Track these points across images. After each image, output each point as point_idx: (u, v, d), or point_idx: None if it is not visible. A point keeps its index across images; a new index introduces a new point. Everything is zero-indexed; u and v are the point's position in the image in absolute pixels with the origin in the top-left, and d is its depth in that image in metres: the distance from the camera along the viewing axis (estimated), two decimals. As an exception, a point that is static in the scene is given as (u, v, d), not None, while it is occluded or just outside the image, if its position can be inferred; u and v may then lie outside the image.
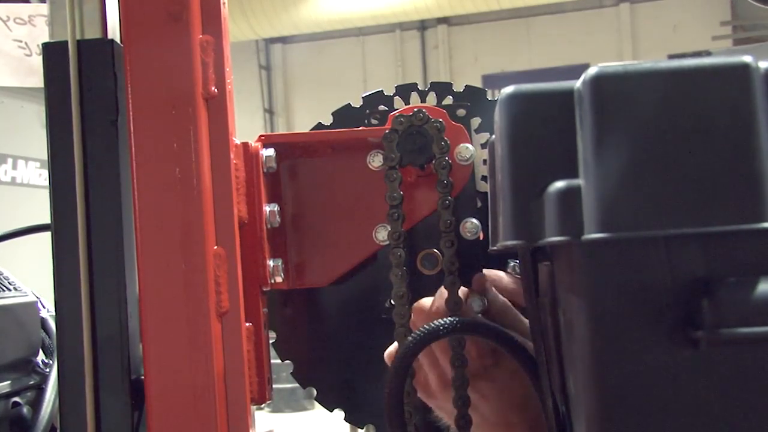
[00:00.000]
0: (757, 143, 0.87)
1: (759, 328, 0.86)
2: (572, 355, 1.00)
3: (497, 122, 1.03)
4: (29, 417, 1.50)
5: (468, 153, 1.37)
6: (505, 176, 0.99)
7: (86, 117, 1.18)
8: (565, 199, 0.91)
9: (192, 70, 1.15)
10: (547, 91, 0.97)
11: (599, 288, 0.92)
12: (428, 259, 1.41)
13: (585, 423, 0.95)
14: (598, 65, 0.92)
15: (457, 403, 1.37)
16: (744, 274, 0.89)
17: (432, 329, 1.22)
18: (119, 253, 1.17)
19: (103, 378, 1.16)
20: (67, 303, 1.17)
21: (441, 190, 1.35)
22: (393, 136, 1.35)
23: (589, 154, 0.90)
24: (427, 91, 1.46)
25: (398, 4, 11.26)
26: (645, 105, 0.89)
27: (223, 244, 1.17)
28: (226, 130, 1.18)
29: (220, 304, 1.16)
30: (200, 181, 1.14)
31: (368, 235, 1.39)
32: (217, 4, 1.19)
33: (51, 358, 1.63)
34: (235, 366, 1.17)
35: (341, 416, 1.47)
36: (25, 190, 9.15)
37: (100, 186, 1.18)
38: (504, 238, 1.01)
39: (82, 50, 1.19)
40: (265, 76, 13.95)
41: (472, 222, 1.41)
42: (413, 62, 13.41)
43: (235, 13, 11.01)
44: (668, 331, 0.90)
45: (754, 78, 0.88)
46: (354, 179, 1.40)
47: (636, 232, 0.88)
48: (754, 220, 0.86)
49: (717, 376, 0.90)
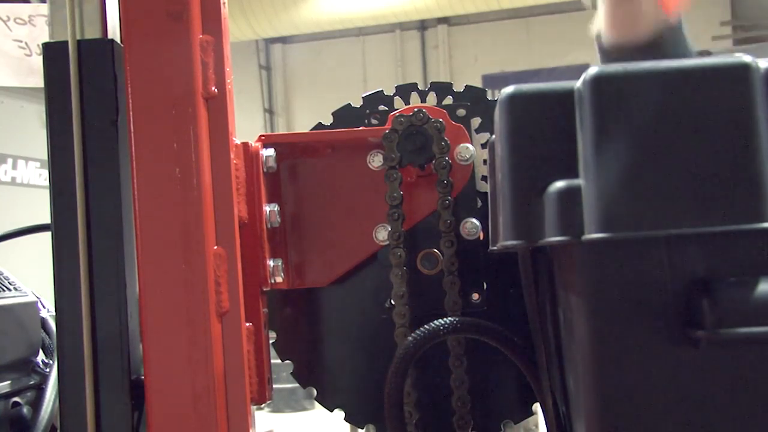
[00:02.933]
0: (757, 143, 0.87)
1: (759, 328, 0.86)
2: (572, 355, 1.00)
3: (497, 122, 1.03)
4: (29, 417, 1.50)
5: (468, 153, 1.37)
6: (505, 176, 0.99)
7: (86, 117, 1.18)
8: (565, 199, 0.91)
9: (192, 70, 1.15)
10: (547, 91, 0.97)
11: (599, 288, 0.92)
12: (428, 259, 1.41)
13: (585, 423, 0.95)
14: (598, 65, 0.92)
15: (457, 403, 1.38)
16: (744, 274, 0.89)
17: (432, 329, 1.22)
18: (119, 253, 1.17)
19: (103, 378, 1.16)
20: (67, 303, 1.17)
21: (441, 190, 1.35)
22: (393, 136, 1.35)
23: (589, 154, 0.90)
24: (427, 91, 1.46)
25: (398, 4, 11.25)
26: (645, 105, 0.89)
27: (223, 244, 1.17)
28: (226, 130, 1.18)
29: (220, 304, 1.16)
30: (200, 181, 1.14)
31: (368, 235, 1.39)
32: (217, 4, 1.19)
33: (51, 358, 1.63)
34: (235, 366, 1.17)
35: (341, 416, 1.47)
36: (25, 190, 9.14)
37: (100, 186, 1.18)
38: (504, 238, 1.01)
39: (82, 50, 1.19)
40: (265, 76, 13.93)
41: (472, 222, 1.41)
42: (413, 62, 13.40)
43: (235, 13, 11.01)
44: (668, 331, 0.90)
45: (754, 78, 0.89)
46: (354, 179, 1.40)
47: (636, 232, 0.88)
48: (754, 220, 0.86)
49: (717, 376, 0.90)
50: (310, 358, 1.47)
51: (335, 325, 1.48)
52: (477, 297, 1.42)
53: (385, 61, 13.64)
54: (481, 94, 1.45)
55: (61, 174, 1.18)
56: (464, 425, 1.38)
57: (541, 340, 1.15)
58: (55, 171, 1.19)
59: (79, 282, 1.16)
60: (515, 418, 1.44)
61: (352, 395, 1.46)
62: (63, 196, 1.18)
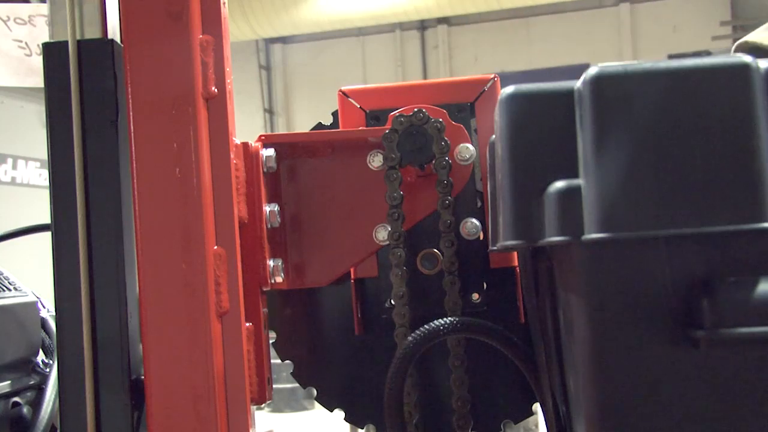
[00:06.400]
0: (757, 143, 0.87)
1: (759, 328, 0.86)
2: (572, 355, 1.00)
3: (497, 122, 1.03)
4: (29, 417, 1.50)
5: (468, 153, 1.37)
6: (505, 176, 0.99)
7: (86, 117, 1.18)
8: (565, 199, 0.91)
9: (192, 70, 1.15)
10: (547, 91, 0.97)
11: (599, 288, 0.92)
12: (428, 259, 1.41)
13: (585, 423, 0.95)
14: (598, 65, 0.92)
15: (457, 403, 1.38)
16: (744, 274, 0.89)
17: (432, 329, 1.22)
18: (119, 253, 1.17)
19: (103, 378, 1.16)
20: (67, 303, 1.17)
21: (441, 190, 1.35)
22: (393, 136, 1.35)
23: (589, 154, 0.90)
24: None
25: (398, 4, 11.25)
26: (645, 105, 0.89)
27: (223, 245, 1.17)
28: (226, 130, 1.18)
29: (220, 304, 1.16)
30: (200, 181, 1.14)
31: (368, 235, 1.39)
32: (217, 4, 1.19)
33: (51, 358, 1.63)
34: (235, 366, 1.17)
35: (341, 416, 1.47)
36: (25, 190, 9.15)
37: (100, 186, 1.18)
38: (504, 238, 1.01)
39: (82, 50, 1.19)
40: (265, 76, 13.94)
41: (472, 222, 1.41)
42: (413, 62, 13.41)
43: (235, 13, 11.01)
44: (668, 331, 0.90)
45: (754, 78, 0.89)
46: (354, 179, 1.40)
47: (636, 232, 0.88)
48: (754, 220, 0.86)
49: (717, 376, 0.90)
50: (310, 358, 1.48)
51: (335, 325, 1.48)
52: (477, 297, 1.42)
53: (385, 61, 13.64)
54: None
55: (61, 174, 1.18)
56: (464, 425, 1.38)
57: (541, 340, 1.15)
58: (55, 171, 1.19)
59: (79, 282, 1.16)
60: (515, 418, 1.44)
61: (352, 395, 1.46)
62: (63, 196, 1.18)
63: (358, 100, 1.45)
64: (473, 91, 1.44)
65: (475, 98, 1.44)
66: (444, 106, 1.40)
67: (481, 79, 1.44)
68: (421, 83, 1.50)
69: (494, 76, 1.44)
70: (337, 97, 1.46)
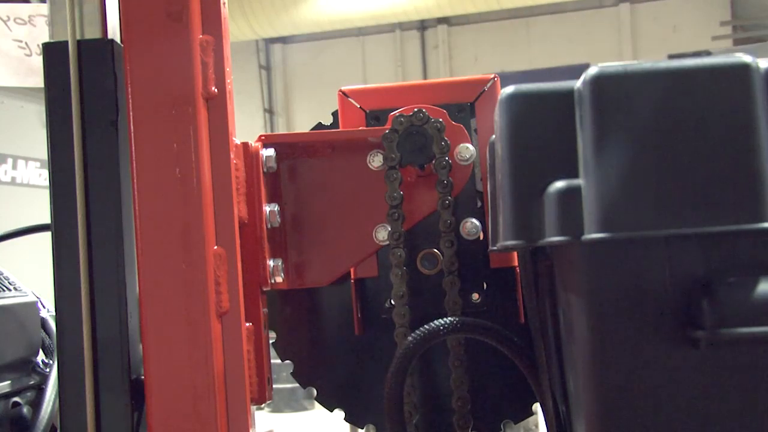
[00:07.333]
0: (757, 143, 0.87)
1: (759, 328, 0.86)
2: (572, 355, 1.00)
3: (497, 122, 1.03)
4: (29, 417, 1.50)
5: (468, 153, 1.37)
6: (505, 176, 0.99)
7: (86, 117, 1.18)
8: (565, 199, 0.91)
9: (192, 70, 1.15)
10: (547, 91, 0.97)
11: (599, 288, 0.92)
12: (428, 259, 1.41)
13: (585, 423, 0.95)
14: (598, 65, 0.92)
15: (457, 403, 1.38)
16: (744, 274, 0.89)
17: (432, 329, 1.22)
18: (119, 253, 1.17)
19: (103, 378, 1.16)
20: (67, 303, 1.17)
21: (441, 190, 1.35)
22: (393, 136, 1.35)
23: (589, 154, 0.90)
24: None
25: (398, 4, 11.25)
26: (645, 105, 0.89)
27: (223, 244, 1.17)
28: (226, 130, 1.18)
29: (220, 304, 1.16)
30: (200, 181, 1.14)
31: (368, 235, 1.39)
32: (217, 4, 1.19)
33: (51, 358, 1.63)
34: (235, 366, 1.17)
35: (341, 416, 1.47)
36: (25, 190, 9.14)
37: (100, 186, 1.18)
38: (504, 238, 1.01)
39: (82, 50, 1.19)
40: (265, 76, 13.94)
41: (472, 222, 1.41)
42: (413, 62, 13.40)
43: (235, 13, 11.00)
44: (668, 331, 0.90)
45: (754, 78, 0.89)
46: (354, 179, 1.40)
47: (636, 232, 0.88)
48: (754, 220, 0.86)
49: (717, 376, 0.90)
50: (310, 358, 1.48)
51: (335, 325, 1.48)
52: (477, 297, 1.42)
53: (385, 61, 13.64)
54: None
55: (61, 174, 1.18)
56: (464, 425, 1.37)
57: (541, 340, 1.15)
58: (55, 171, 1.19)
59: (79, 282, 1.16)
60: (515, 418, 1.44)
61: (352, 395, 1.46)
62: (63, 196, 1.18)
63: (358, 100, 1.45)
64: (473, 91, 1.44)
65: (475, 98, 1.44)
66: (444, 106, 1.40)
67: (481, 79, 1.44)
68: (421, 83, 1.50)
69: (494, 76, 1.44)
70: (337, 97, 1.46)
